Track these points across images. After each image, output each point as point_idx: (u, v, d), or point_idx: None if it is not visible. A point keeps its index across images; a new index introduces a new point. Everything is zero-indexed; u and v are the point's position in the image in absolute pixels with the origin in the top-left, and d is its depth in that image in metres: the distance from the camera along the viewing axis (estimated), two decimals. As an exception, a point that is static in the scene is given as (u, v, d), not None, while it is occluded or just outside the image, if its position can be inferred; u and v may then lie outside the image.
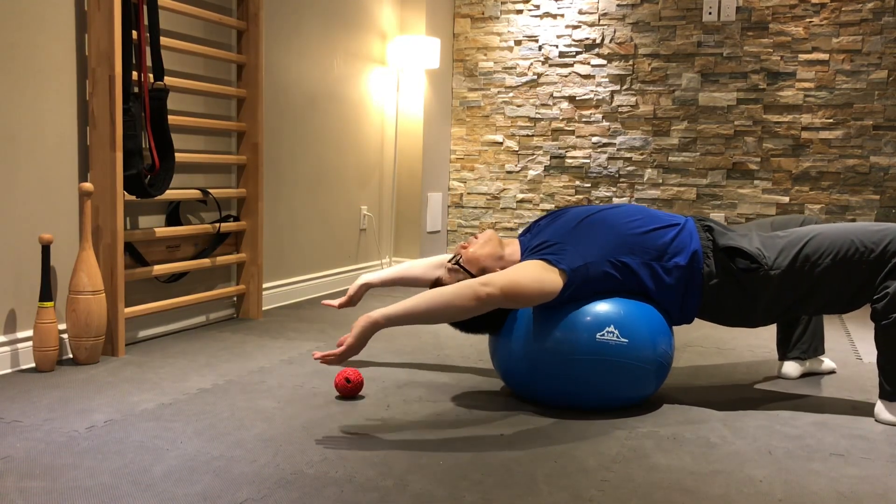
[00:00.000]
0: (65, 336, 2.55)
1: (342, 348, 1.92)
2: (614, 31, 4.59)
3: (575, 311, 2.07)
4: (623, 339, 2.03)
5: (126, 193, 2.62)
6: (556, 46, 4.71)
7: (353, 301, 2.52)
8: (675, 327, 3.32)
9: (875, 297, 2.03)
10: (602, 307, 2.06)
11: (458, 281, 2.14)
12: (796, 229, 2.16)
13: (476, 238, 2.23)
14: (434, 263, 2.48)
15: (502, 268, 2.17)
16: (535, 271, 2.01)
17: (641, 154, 4.59)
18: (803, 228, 2.15)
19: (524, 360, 2.11)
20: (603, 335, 2.03)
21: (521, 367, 2.13)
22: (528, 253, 2.15)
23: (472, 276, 2.16)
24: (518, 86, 4.81)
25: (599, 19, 4.61)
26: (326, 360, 1.93)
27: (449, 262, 2.24)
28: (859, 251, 2.04)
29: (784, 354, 2.56)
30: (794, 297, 2.11)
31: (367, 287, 2.53)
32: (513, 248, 2.23)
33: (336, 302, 2.53)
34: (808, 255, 2.07)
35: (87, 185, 2.47)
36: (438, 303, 1.93)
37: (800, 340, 2.53)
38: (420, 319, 1.95)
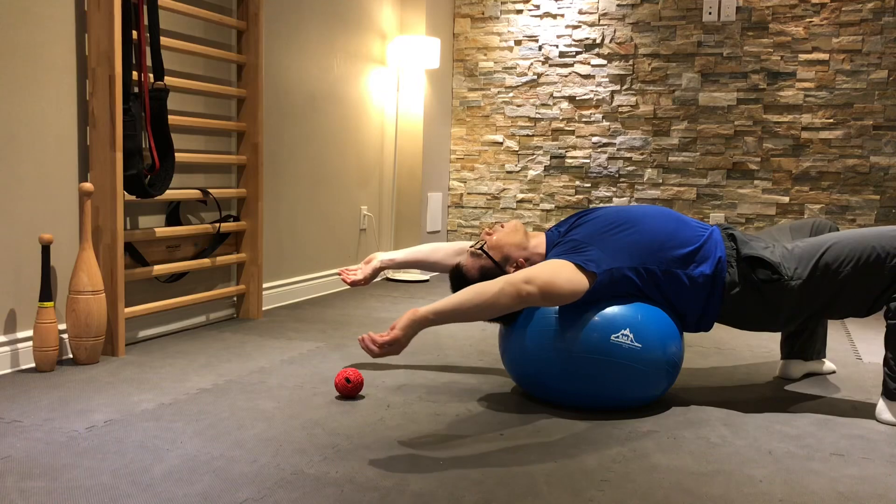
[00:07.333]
0: (65, 336, 2.55)
1: (387, 339, 1.90)
2: (614, 31, 4.59)
3: (591, 311, 2.07)
4: (637, 344, 2.03)
5: (126, 193, 2.62)
6: (557, 46, 4.71)
7: (366, 282, 2.54)
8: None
9: (894, 295, 2.04)
10: (618, 310, 2.07)
11: (481, 267, 2.19)
12: (814, 238, 2.16)
13: (502, 226, 2.24)
14: (455, 250, 2.50)
15: (525, 258, 2.19)
16: (569, 272, 2.01)
17: (641, 154, 4.59)
18: (822, 237, 2.15)
19: (535, 356, 2.11)
20: (617, 337, 2.04)
21: (531, 364, 2.13)
22: (555, 248, 2.15)
23: (495, 262, 2.18)
24: (518, 86, 4.81)
25: (599, 19, 4.61)
26: (370, 349, 1.90)
27: (472, 246, 2.25)
28: (880, 257, 2.04)
29: (787, 354, 2.56)
30: (817, 306, 2.11)
31: (382, 268, 2.54)
32: (538, 240, 2.24)
33: (350, 278, 2.53)
34: (828, 264, 2.07)
35: (87, 185, 2.47)
36: (484, 300, 1.93)
37: (803, 341, 2.53)
38: (466, 317, 1.95)
